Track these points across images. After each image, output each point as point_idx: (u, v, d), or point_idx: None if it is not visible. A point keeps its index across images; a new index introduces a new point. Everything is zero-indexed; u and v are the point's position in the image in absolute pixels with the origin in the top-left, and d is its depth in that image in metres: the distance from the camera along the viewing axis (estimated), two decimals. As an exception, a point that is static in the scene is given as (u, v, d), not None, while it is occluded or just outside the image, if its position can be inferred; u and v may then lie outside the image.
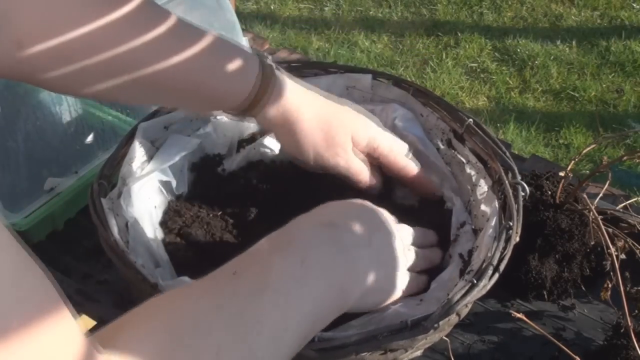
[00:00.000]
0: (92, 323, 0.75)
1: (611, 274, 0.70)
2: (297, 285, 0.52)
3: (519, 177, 0.71)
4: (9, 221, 0.78)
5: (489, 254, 0.64)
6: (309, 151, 0.74)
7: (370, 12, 2.60)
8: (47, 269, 0.39)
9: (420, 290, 0.67)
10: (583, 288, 0.79)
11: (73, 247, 0.83)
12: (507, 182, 0.71)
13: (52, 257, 0.82)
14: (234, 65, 0.68)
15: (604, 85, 2.29)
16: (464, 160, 0.79)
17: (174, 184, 0.78)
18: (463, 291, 0.60)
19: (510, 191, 0.70)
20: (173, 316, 0.47)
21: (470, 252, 0.70)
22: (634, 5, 2.63)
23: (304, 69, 0.85)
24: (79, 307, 0.76)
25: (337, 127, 0.73)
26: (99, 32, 0.60)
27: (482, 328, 0.76)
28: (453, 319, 0.61)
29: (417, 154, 0.82)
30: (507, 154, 0.73)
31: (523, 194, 0.70)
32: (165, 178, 0.77)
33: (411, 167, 0.78)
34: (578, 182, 0.78)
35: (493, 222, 0.69)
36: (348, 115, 0.75)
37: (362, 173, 0.76)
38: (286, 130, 0.73)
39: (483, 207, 0.73)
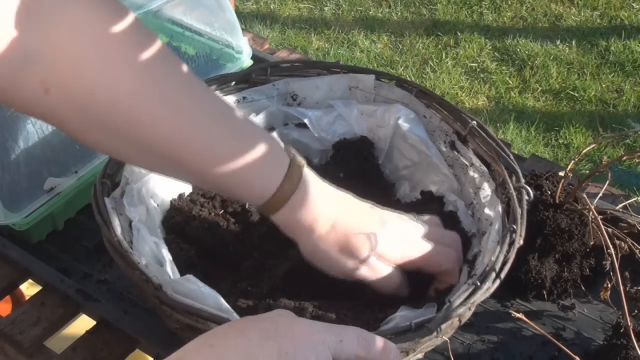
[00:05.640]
0: (92, 323, 0.75)
1: (611, 274, 0.70)
2: None
3: (523, 181, 0.70)
4: (9, 221, 0.78)
5: (493, 259, 0.63)
6: (323, 263, 0.66)
7: (370, 12, 2.60)
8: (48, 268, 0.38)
9: None
10: (583, 288, 0.79)
11: (73, 247, 0.83)
12: (511, 185, 0.70)
13: (52, 257, 0.81)
14: (263, 166, 0.62)
15: (604, 85, 2.29)
16: (468, 164, 0.77)
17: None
18: (466, 294, 0.60)
19: (515, 195, 0.69)
20: None
21: (475, 257, 0.69)
22: (634, 5, 2.62)
23: (307, 69, 0.85)
24: (79, 307, 0.75)
25: (355, 244, 0.65)
26: (125, 87, 0.54)
27: (482, 328, 0.76)
28: (456, 322, 0.60)
29: (420, 155, 0.82)
30: (512, 157, 0.72)
31: (527, 198, 0.69)
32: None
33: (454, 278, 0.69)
34: (578, 182, 0.78)
35: (497, 226, 0.68)
36: (371, 230, 0.65)
37: (385, 285, 0.67)
38: (301, 240, 0.66)
39: (487, 210, 0.72)
